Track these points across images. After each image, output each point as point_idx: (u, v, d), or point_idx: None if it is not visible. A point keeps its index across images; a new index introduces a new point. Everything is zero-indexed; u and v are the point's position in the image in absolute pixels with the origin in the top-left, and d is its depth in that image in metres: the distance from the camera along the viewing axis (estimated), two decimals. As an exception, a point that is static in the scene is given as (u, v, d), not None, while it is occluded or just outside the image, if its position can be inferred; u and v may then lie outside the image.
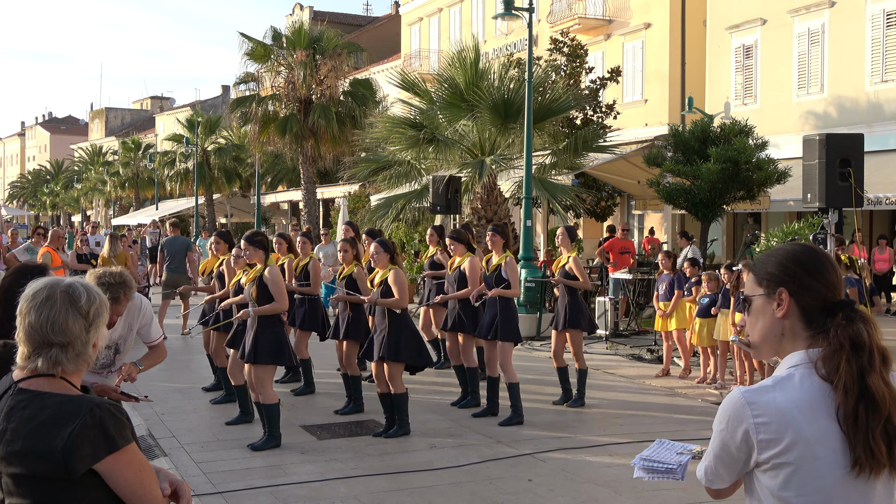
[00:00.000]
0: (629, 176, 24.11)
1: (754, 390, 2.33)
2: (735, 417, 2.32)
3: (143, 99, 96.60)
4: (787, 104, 23.60)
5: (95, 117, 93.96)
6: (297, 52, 32.25)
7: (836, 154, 10.33)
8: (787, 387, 2.32)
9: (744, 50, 25.00)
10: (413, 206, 20.76)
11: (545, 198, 19.46)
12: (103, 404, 2.52)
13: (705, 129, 18.48)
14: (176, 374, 12.69)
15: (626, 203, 28.89)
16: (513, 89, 19.18)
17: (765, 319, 2.46)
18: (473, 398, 10.43)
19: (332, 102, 32.31)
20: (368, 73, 40.73)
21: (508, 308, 9.63)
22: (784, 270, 2.43)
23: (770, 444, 2.28)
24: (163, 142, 60.28)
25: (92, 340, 2.62)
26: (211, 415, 10.14)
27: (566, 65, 23.46)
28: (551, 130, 20.72)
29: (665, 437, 9.02)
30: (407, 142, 19.90)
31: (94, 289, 2.66)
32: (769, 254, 2.53)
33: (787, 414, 2.27)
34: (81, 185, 71.90)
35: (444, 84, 19.91)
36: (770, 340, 2.46)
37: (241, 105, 33.27)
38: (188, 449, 8.58)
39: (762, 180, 17.68)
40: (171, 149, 52.82)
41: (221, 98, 76.26)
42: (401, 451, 8.47)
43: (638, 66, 28.22)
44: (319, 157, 34.02)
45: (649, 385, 11.99)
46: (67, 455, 2.44)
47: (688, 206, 18.41)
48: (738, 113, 23.36)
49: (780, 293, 2.42)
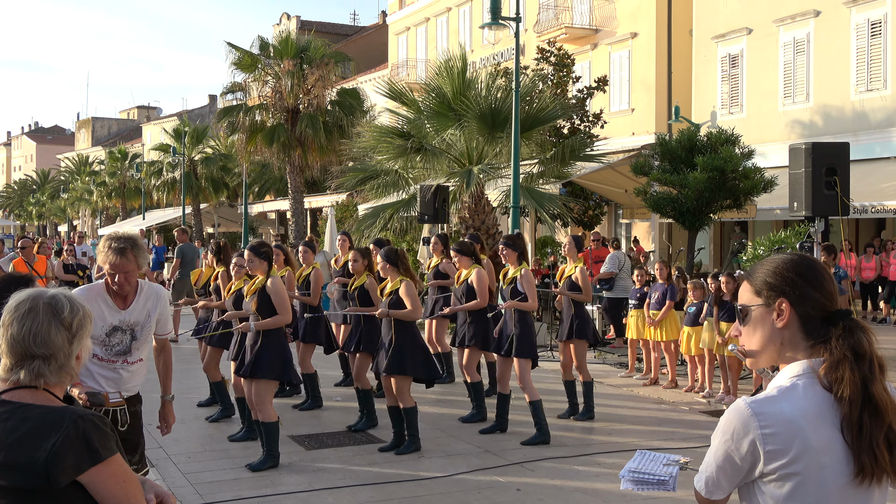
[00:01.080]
0: (616, 185, 24.16)
1: (761, 401, 2.33)
2: (741, 428, 2.31)
3: (130, 108, 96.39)
4: (773, 113, 23.72)
5: (82, 127, 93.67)
6: (285, 61, 32.24)
7: (822, 163, 10.37)
8: (793, 397, 2.32)
9: (730, 59, 25.12)
10: (401, 215, 20.74)
11: (533, 207, 19.48)
12: (87, 416, 2.50)
13: (692, 138, 18.54)
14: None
15: (614, 212, 28.96)
16: (500, 98, 19.20)
17: (764, 329, 2.45)
18: (479, 412, 10.20)
19: (319, 112, 32.29)
20: (356, 83, 40.76)
21: (525, 323, 9.22)
22: (784, 280, 2.43)
23: (777, 455, 2.28)
24: (150, 151, 60.12)
25: (75, 352, 2.60)
26: (199, 425, 10.08)
27: (553, 74, 23.52)
28: (538, 139, 20.75)
29: (654, 446, 8.94)
30: (394, 151, 19.90)
31: (77, 301, 2.65)
32: (765, 263, 2.52)
33: (794, 424, 2.28)
34: (68, 194, 71.64)
35: (431, 93, 19.93)
36: (769, 350, 2.46)
37: (228, 115, 33.21)
38: (175, 460, 8.53)
39: (749, 189, 17.74)
40: (157, 158, 52.67)
41: (208, 108, 76.14)
42: (388, 461, 8.43)
43: (625, 75, 28.33)
44: (307, 167, 33.98)
45: (637, 394, 11.99)
46: (50, 467, 2.42)
47: (675, 215, 18.46)
48: (725, 122, 23.47)
49: (780, 303, 2.42)
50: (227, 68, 32.76)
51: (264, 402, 8.04)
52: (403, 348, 8.52)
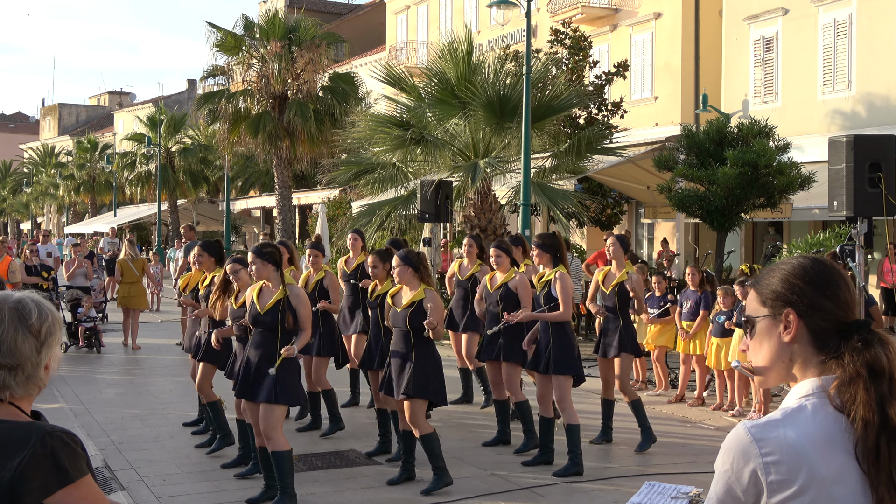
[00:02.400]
0: (637, 181, 24.16)
1: (762, 425, 2.27)
2: (741, 456, 2.25)
3: (101, 94, 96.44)
4: (812, 102, 23.72)
5: (47, 114, 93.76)
6: (271, 43, 32.28)
7: (865, 157, 10.36)
8: (800, 420, 2.26)
9: (763, 42, 25.12)
10: (399, 213, 20.76)
11: (545, 205, 19.50)
12: (55, 432, 2.51)
13: (721, 129, 18.54)
14: (134, 397, 12.62)
15: (634, 211, 28.96)
16: (509, 85, 19.22)
17: (770, 344, 2.40)
18: (502, 434, 10.00)
19: (309, 99, 32.34)
20: (350, 67, 40.79)
21: (562, 334, 8.96)
22: (791, 288, 2.38)
23: (781, 486, 2.21)
24: (122, 142, 60.19)
25: (44, 362, 2.61)
26: (175, 444, 10.10)
27: (568, 58, 23.54)
28: (552, 130, 20.77)
29: (677, 471, 8.94)
30: (392, 142, 19.92)
31: (45, 305, 2.65)
32: (773, 269, 2.47)
33: (799, 451, 2.21)
34: (31, 189, 71.72)
35: (433, 79, 19.95)
36: (777, 367, 2.40)
37: (208, 101, 33.27)
38: (149, 482, 8.54)
39: (784, 186, 17.74)
40: (130, 149, 52.78)
41: (187, 94, 76.18)
42: (383, 486, 8.43)
43: (647, 59, 28.33)
44: (295, 159, 34.03)
45: (661, 412, 12.00)
46: (15, 488, 2.42)
47: (702, 215, 18.46)
48: (758, 112, 23.47)
49: (786, 314, 2.36)
50: (209, 50, 32.89)
51: (276, 428, 7.65)
52: (427, 369, 8.20)
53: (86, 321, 17.02)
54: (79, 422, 10.90)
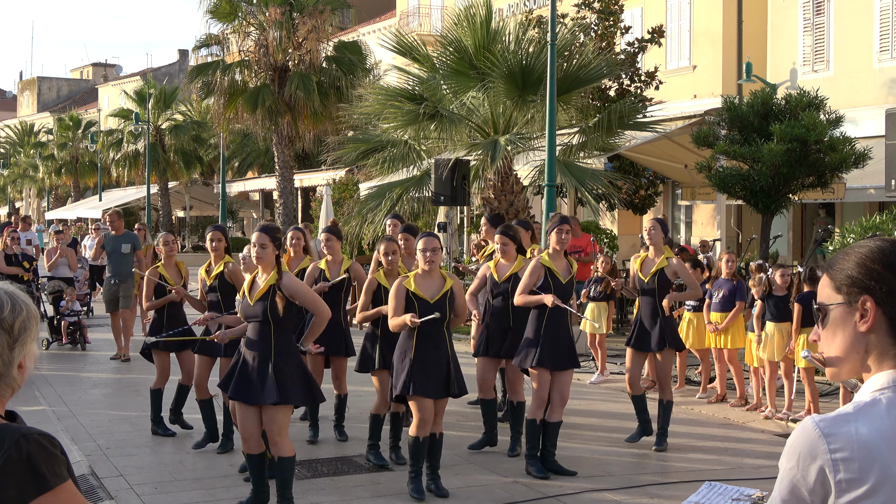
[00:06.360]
0: (674, 159, 24.09)
1: (832, 419, 2.29)
2: (808, 453, 2.27)
3: (84, 66, 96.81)
4: (867, 71, 23.58)
5: (25, 88, 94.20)
6: (270, 8, 32.32)
7: (925, 131, 10.33)
8: (873, 415, 2.28)
9: (813, 5, 24.98)
10: (411, 195, 20.76)
11: (572, 185, 19.45)
12: (31, 435, 2.51)
13: (767, 101, 18.46)
14: (122, 398, 12.69)
15: (671, 192, 28.89)
16: (532, 54, 19.17)
17: (844, 333, 2.42)
18: (489, 436, 10.06)
19: (312, 70, 32.36)
20: (357, 35, 40.80)
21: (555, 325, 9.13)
22: (868, 273, 2.39)
23: (851, 485, 2.23)
24: (107, 118, 60.43)
25: (17, 360, 2.61)
26: (167, 449, 10.14)
27: (597, 24, 23.47)
28: (579, 104, 20.71)
29: (717, 477, 8.96)
30: (404, 118, 19.90)
31: (20, 297, 2.65)
32: (848, 252, 2.48)
33: (872, 448, 2.23)
34: (8, 170, 72.11)
35: (448, 47, 19.91)
36: (851, 358, 2.42)
37: (202, 74, 33.33)
38: (138, 490, 8.58)
39: (836, 164, 17.66)
40: (117, 127, 52.92)
41: (178, 65, 76.41)
42: (395, 493, 8.45)
43: (685, 25, 28.22)
44: (297, 137, 34.08)
45: (700, 413, 11.99)
46: (-11, 497, 2.43)
47: (745, 196, 18.41)
48: (807, 82, 23.36)
49: (863, 302, 2.38)
50: (202, 18, 32.97)
51: (283, 431, 7.61)
52: (459, 369, 8.42)
53: (69, 315, 17.02)
54: (62, 425, 10.95)
